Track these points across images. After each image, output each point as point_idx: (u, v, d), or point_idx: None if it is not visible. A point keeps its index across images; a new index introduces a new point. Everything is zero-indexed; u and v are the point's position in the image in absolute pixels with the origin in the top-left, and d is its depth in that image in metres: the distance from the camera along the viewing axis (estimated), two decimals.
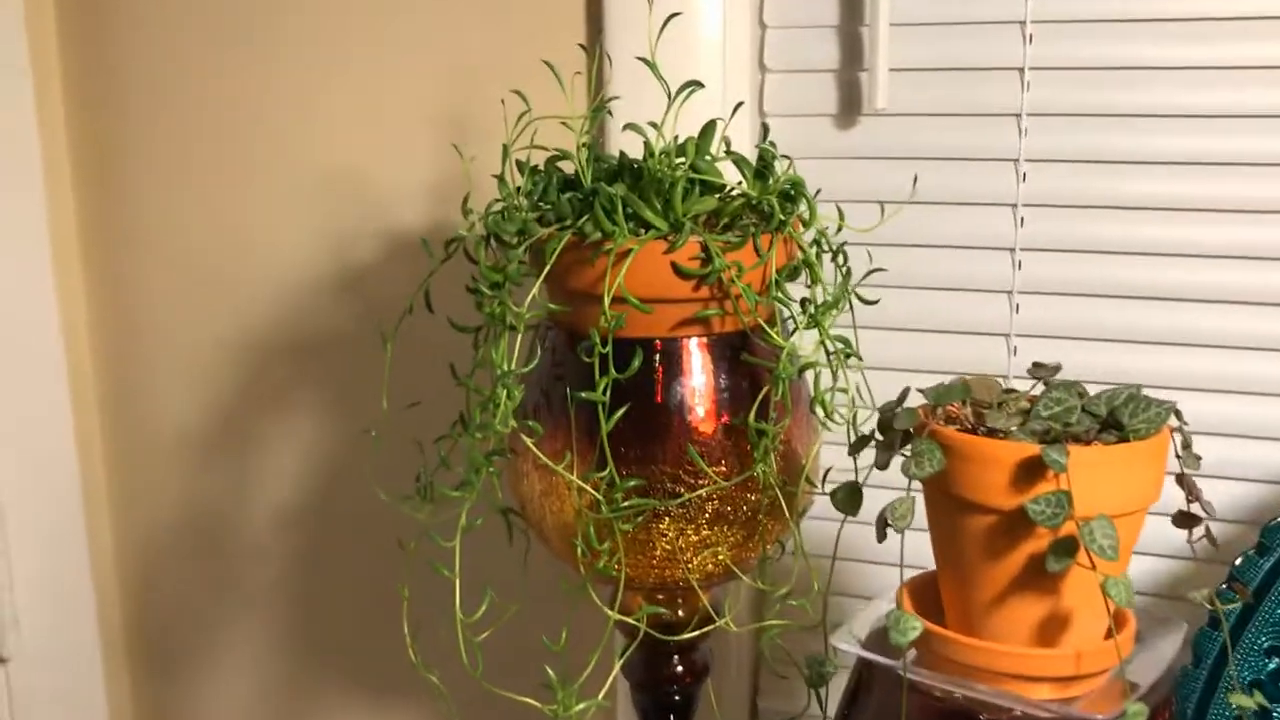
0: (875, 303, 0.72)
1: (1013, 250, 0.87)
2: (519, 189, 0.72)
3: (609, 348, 0.64)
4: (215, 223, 1.05)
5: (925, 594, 0.64)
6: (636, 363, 0.64)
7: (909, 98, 0.86)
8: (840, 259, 0.71)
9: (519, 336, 0.66)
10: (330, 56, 0.98)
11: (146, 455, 1.13)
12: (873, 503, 0.65)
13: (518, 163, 0.73)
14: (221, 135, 1.03)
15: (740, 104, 0.78)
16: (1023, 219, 0.86)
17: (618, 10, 0.83)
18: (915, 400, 0.62)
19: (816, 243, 0.70)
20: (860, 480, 0.64)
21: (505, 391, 0.65)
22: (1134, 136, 0.83)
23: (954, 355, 0.88)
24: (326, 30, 0.97)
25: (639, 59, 0.67)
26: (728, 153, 0.72)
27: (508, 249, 0.69)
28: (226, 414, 1.09)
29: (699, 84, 0.67)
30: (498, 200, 0.73)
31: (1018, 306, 0.87)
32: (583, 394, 0.64)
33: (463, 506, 0.68)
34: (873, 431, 0.62)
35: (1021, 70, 0.84)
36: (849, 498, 0.62)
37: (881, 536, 0.59)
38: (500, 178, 0.72)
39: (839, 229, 0.72)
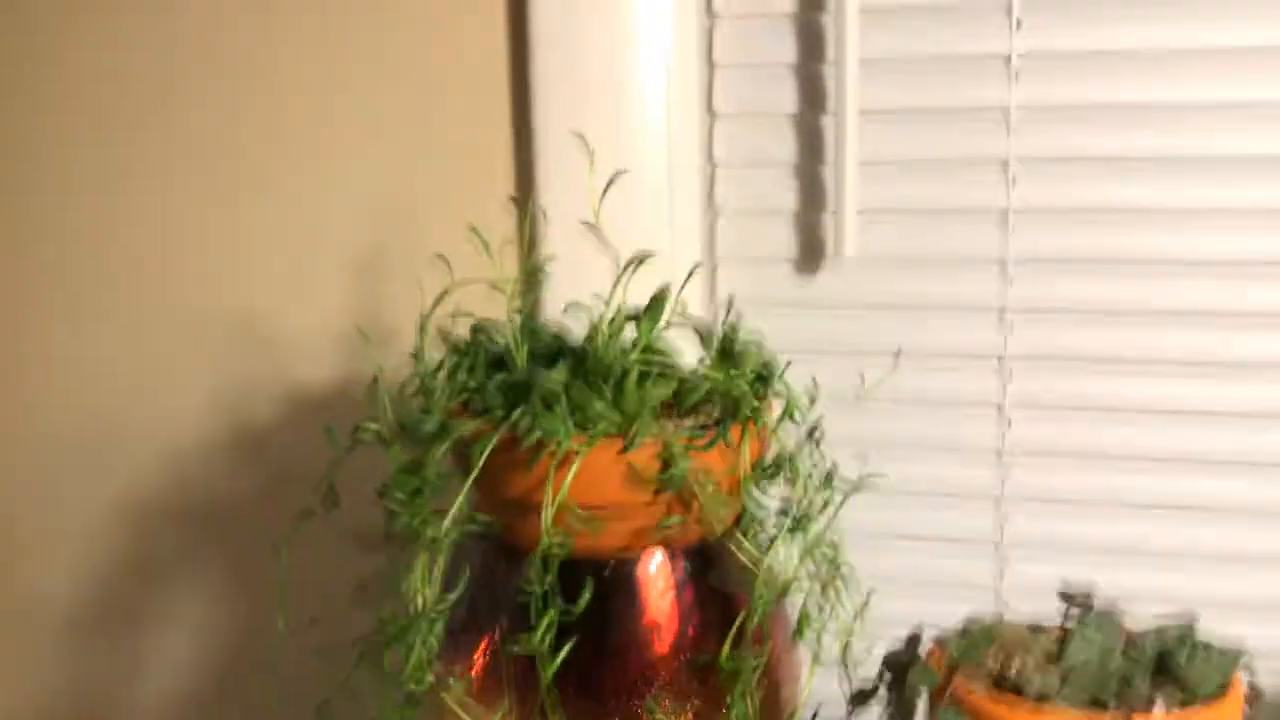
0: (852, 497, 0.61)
1: (1000, 407, 0.77)
2: (438, 368, 0.61)
3: (550, 577, 0.52)
4: (102, 371, 0.92)
5: None
6: (586, 595, 0.53)
7: (879, 240, 0.77)
8: (814, 439, 0.60)
9: (439, 557, 0.54)
10: (236, 188, 0.86)
11: (21, 633, 0.97)
12: None
13: (440, 332, 0.62)
14: (111, 273, 0.90)
15: (698, 265, 0.69)
16: (1011, 371, 0.77)
17: (551, 162, 0.73)
18: (926, 636, 0.51)
19: (788, 415, 0.59)
20: None
21: (421, 632, 0.53)
22: (1122, 283, 0.74)
23: (939, 523, 0.78)
24: (234, 159, 0.86)
25: (583, 223, 0.57)
26: (685, 319, 0.62)
27: (426, 447, 0.57)
28: (111, 589, 0.95)
29: (648, 254, 0.56)
30: (414, 377, 0.61)
31: (1008, 471, 0.78)
32: (515, 647, 0.52)
33: None
34: (876, 686, 0.51)
35: (1005, 211, 0.75)
36: None
37: None
38: (417, 355, 0.60)
39: (811, 401, 0.62)
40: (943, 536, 0.78)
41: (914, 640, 0.50)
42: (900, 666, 0.49)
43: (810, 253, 0.78)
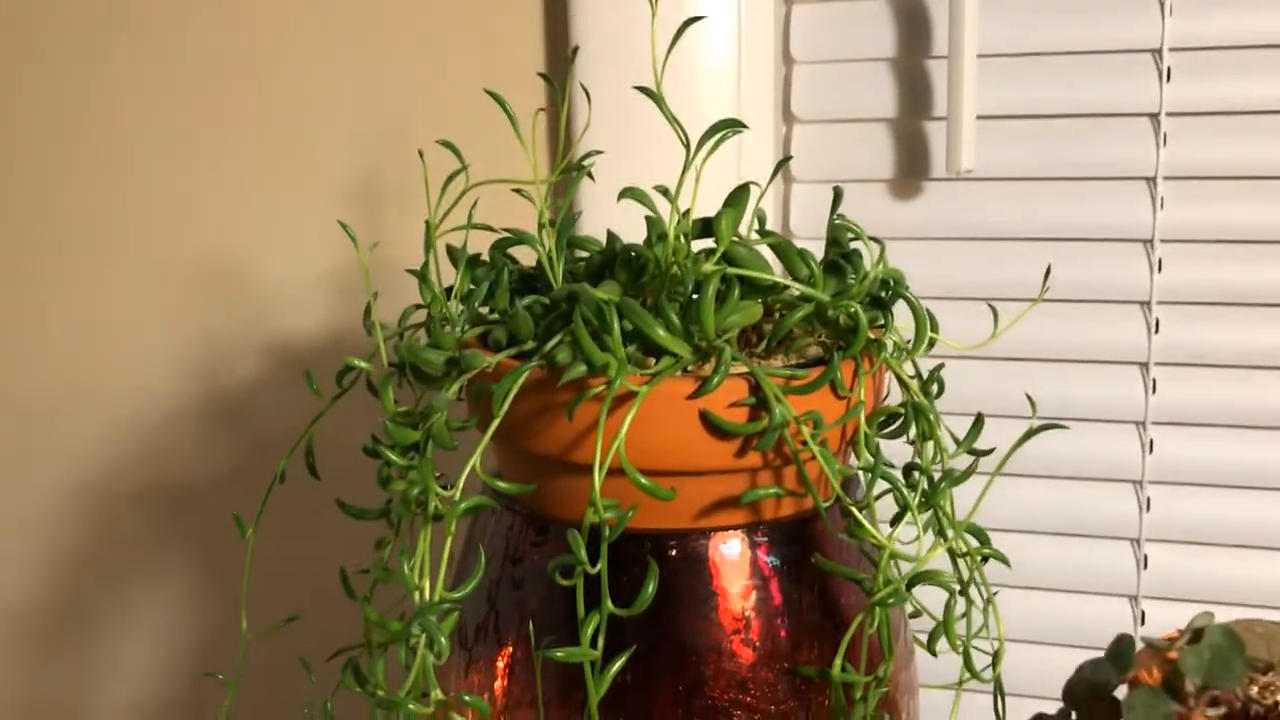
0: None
1: (1145, 366, 0.62)
2: (450, 290, 0.47)
3: (601, 564, 0.38)
4: (51, 331, 0.78)
5: None
6: (650, 586, 0.38)
7: (1001, 155, 0.62)
8: (935, 384, 0.45)
9: (448, 532, 0.40)
10: (200, 115, 0.72)
11: None
12: None
13: (450, 250, 0.47)
14: (59, 218, 0.76)
15: (788, 159, 0.54)
16: (1158, 321, 0.62)
17: (593, 24, 0.58)
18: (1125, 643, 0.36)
19: (915, 350, 0.44)
20: None
21: (424, 635, 0.38)
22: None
23: (1078, 505, 0.63)
24: (205, 84, 0.72)
25: (638, 89, 0.42)
26: (761, 232, 0.48)
27: (432, 388, 0.43)
28: (64, 584, 0.81)
29: (738, 125, 0.42)
30: (419, 307, 0.47)
31: (1151, 443, 0.63)
32: (558, 653, 0.37)
33: None
34: (1063, 714, 0.36)
35: (1157, 117, 0.60)
36: None
37: None
38: (422, 274, 0.46)
39: (927, 345, 0.47)
40: (1076, 521, 0.63)
41: (1124, 645, 0.35)
42: (1103, 687, 0.34)
43: (912, 169, 0.63)
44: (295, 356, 0.73)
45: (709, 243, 0.42)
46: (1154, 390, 0.62)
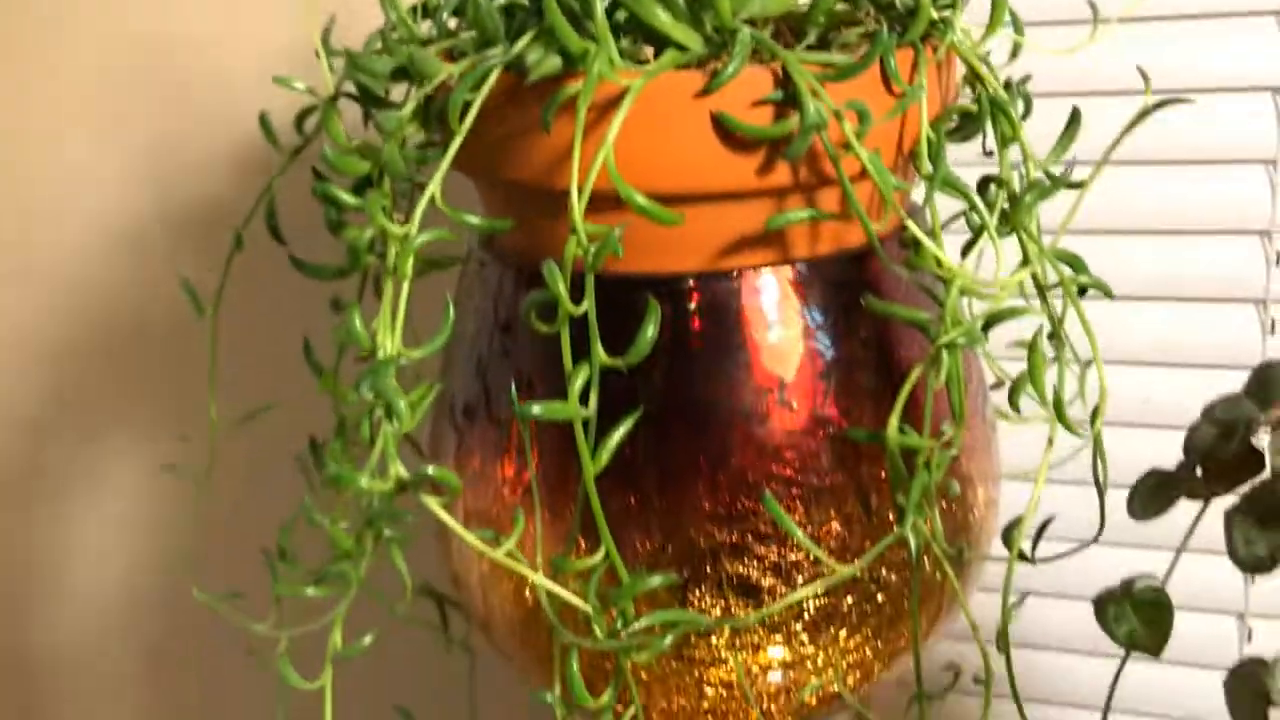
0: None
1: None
2: (419, 9, 0.38)
3: (586, 303, 0.30)
4: None
5: None
6: (650, 330, 0.30)
7: None
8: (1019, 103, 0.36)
9: (404, 274, 0.32)
10: None
11: None
12: None
13: None
14: None
15: None
16: None
17: None
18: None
19: (991, 34, 0.35)
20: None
21: (384, 396, 0.31)
22: None
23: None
24: None
25: None
26: None
27: (383, 111, 0.35)
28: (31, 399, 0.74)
29: None
30: (390, 31, 0.39)
31: None
32: (535, 407, 0.30)
33: (335, 613, 0.35)
34: (1184, 468, 0.28)
35: None
36: (1154, 608, 0.27)
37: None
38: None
39: (1012, 50, 0.37)
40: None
41: (1268, 382, 0.26)
42: (1227, 435, 0.26)
43: None
44: (262, 155, 0.65)
45: None
46: None
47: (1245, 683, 0.23)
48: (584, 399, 0.30)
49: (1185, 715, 0.54)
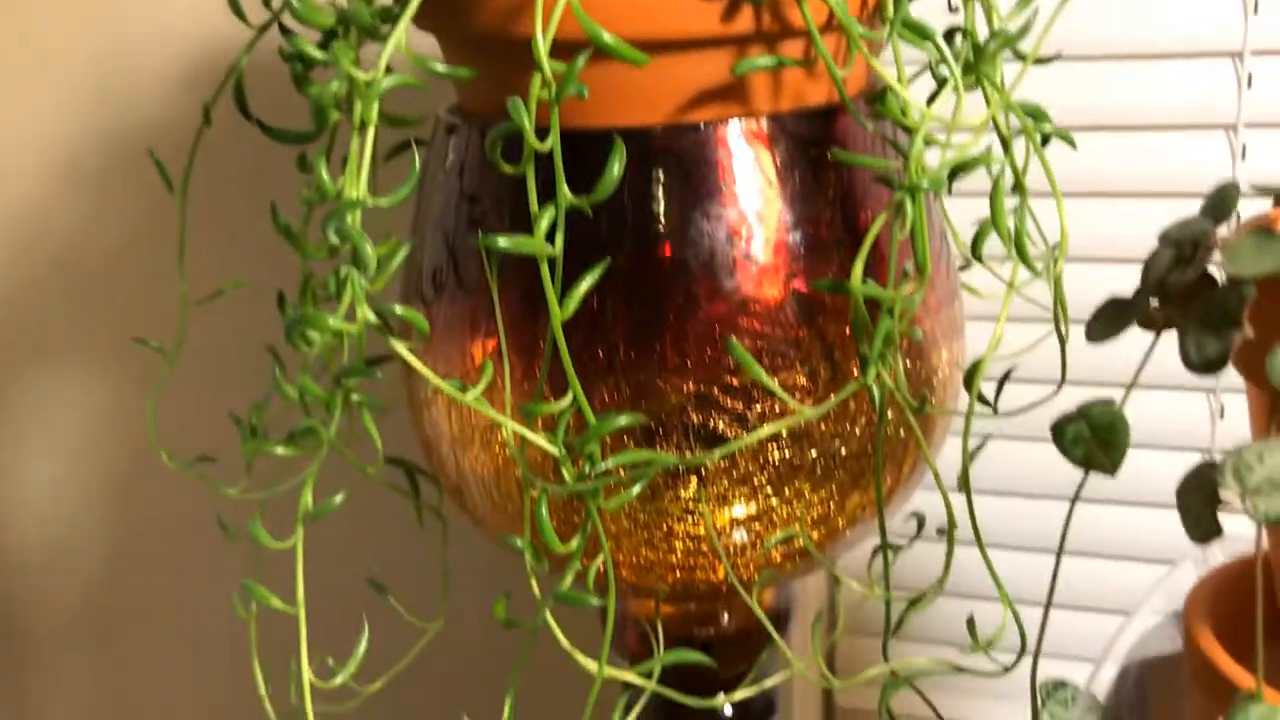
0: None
1: None
2: None
3: (551, 139, 0.30)
4: None
5: (1231, 610, 0.31)
6: (615, 169, 0.30)
7: None
8: None
9: (369, 120, 0.32)
10: None
11: None
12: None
13: None
14: None
15: None
16: None
17: None
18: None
19: None
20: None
21: (352, 253, 0.31)
22: None
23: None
24: None
25: None
26: None
27: None
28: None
29: None
30: None
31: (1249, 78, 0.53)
32: (501, 240, 0.30)
33: (306, 475, 0.36)
34: (1141, 294, 0.28)
35: None
36: (1111, 428, 0.27)
37: (1205, 531, 0.25)
38: None
39: None
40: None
41: (1222, 201, 0.27)
42: (1182, 256, 0.26)
43: None
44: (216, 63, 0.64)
45: None
46: None
47: (1197, 485, 0.24)
48: (551, 240, 0.30)
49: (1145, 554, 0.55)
